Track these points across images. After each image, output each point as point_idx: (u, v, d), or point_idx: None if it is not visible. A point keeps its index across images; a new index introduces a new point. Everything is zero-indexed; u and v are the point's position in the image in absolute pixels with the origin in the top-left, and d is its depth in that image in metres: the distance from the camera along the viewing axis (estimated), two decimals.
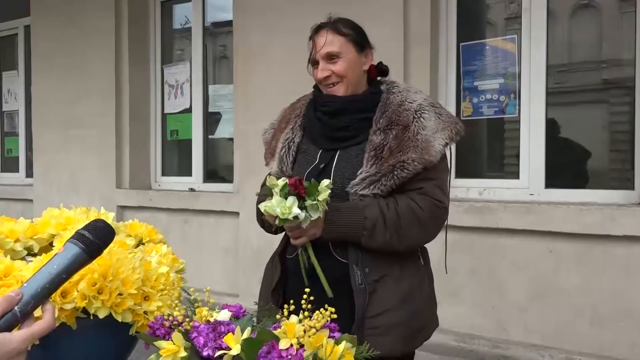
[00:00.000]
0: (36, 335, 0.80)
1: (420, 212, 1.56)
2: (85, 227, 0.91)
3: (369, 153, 1.58)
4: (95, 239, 0.90)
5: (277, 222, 1.42)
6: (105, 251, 0.99)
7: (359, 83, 1.69)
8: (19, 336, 0.78)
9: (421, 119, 1.58)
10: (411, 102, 1.62)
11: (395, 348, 1.56)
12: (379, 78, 1.77)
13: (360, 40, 1.68)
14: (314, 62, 1.69)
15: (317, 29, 1.69)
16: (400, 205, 1.55)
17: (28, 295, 0.82)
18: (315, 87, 1.76)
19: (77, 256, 0.88)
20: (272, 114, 1.92)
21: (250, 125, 3.88)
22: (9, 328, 0.80)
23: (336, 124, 1.66)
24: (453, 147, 1.67)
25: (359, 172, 1.57)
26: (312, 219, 1.44)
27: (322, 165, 1.64)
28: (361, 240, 1.54)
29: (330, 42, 1.63)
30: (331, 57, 1.64)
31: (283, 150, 1.72)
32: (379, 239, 1.53)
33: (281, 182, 1.42)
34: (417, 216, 1.55)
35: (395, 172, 1.53)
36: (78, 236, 0.90)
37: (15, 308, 0.80)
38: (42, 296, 0.84)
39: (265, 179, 1.85)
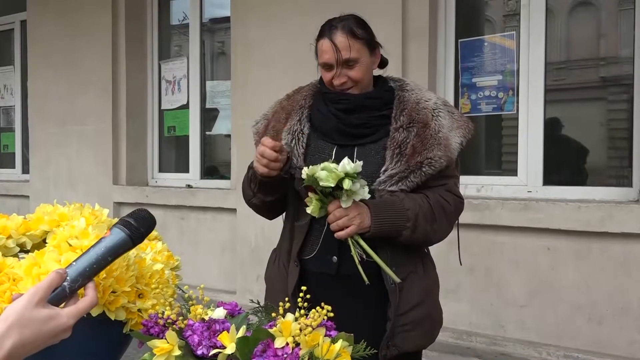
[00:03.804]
0: (82, 312, 0.83)
1: (448, 206, 1.60)
2: (130, 215, 0.97)
3: (393, 150, 1.57)
4: (139, 227, 0.95)
5: (345, 182, 1.35)
6: None
7: (369, 82, 1.69)
8: (67, 312, 0.82)
9: (438, 117, 1.60)
10: (427, 101, 1.63)
11: (422, 343, 1.63)
12: (380, 73, 1.76)
13: (372, 42, 1.65)
14: (327, 66, 1.62)
15: (331, 30, 1.60)
16: (431, 199, 1.57)
17: (77, 273, 0.86)
18: (321, 82, 1.71)
19: (123, 240, 0.93)
20: None
21: (248, 121, 3.82)
22: (58, 303, 0.83)
23: (352, 121, 1.63)
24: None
25: (383, 169, 1.56)
26: (363, 195, 1.43)
27: None
28: (403, 233, 1.52)
29: (349, 48, 1.57)
30: (348, 63, 1.60)
31: (293, 142, 1.65)
32: (421, 230, 1.53)
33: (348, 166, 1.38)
34: (445, 210, 1.59)
35: (423, 169, 1.55)
36: (124, 222, 0.95)
37: (65, 284, 0.84)
38: (89, 275, 0.88)
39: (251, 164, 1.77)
